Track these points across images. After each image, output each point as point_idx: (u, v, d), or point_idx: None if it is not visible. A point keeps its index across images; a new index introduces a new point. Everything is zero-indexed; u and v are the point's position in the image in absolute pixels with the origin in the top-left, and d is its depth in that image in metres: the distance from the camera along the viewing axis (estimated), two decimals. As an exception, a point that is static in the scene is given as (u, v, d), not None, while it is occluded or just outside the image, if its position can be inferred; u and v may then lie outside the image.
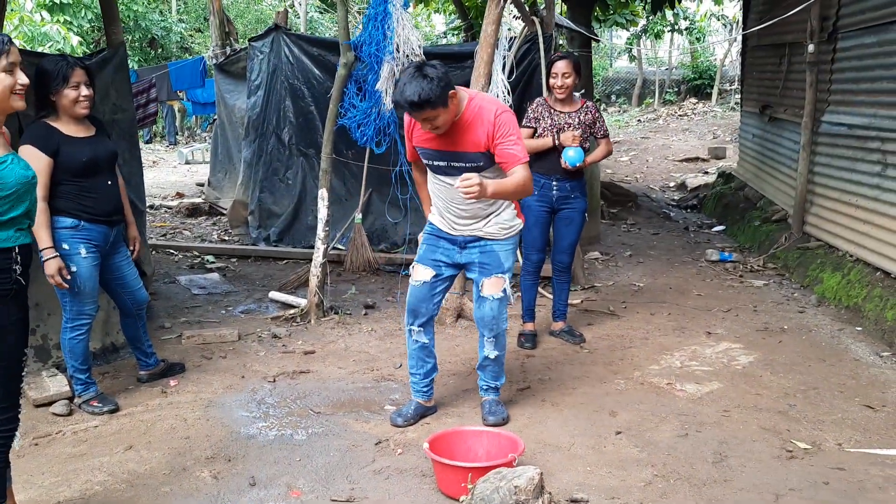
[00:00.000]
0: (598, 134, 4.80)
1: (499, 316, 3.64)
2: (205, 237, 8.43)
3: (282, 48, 7.30)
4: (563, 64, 4.62)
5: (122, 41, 5.37)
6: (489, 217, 3.55)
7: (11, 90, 2.38)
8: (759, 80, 9.09)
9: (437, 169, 3.53)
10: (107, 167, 3.83)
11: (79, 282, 3.70)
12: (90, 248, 3.73)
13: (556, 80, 4.64)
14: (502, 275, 3.59)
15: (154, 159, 16.67)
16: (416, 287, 3.66)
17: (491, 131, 3.34)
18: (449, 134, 3.39)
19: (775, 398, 4.00)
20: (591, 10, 9.62)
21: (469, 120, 3.37)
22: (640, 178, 12.95)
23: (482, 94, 3.53)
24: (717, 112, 20.00)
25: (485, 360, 3.74)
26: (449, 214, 3.58)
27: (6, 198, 2.35)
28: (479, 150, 3.39)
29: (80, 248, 3.69)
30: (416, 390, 3.79)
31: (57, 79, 3.64)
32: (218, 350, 4.80)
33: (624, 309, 5.67)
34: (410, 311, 3.69)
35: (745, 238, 7.90)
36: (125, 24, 19.08)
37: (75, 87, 3.66)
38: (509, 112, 3.43)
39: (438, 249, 3.65)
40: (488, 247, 3.58)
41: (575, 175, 4.74)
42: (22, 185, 2.39)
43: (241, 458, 3.37)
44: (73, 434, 3.61)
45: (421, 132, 3.47)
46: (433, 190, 3.62)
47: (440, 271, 3.65)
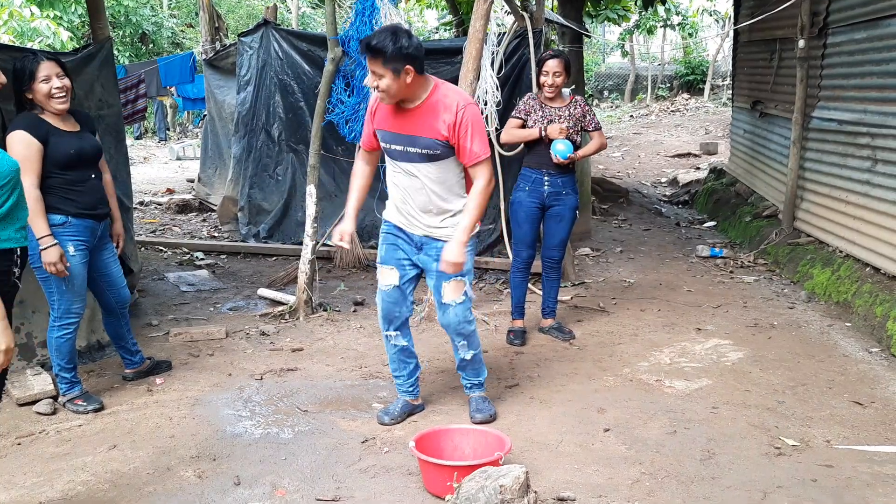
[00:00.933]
0: (589, 127, 4.78)
1: (464, 319, 3.57)
2: (194, 234, 8.39)
3: (271, 43, 7.25)
4: (555, 63, 4.60)
5: (108, 36, 5.33)
6: (444, 215, 3.47)
7: None
8: (750, 75, 9.08)
9: (394, 154, 3.45)
10: (92, 161, 3.80)
11: (67, 280, 3.66)
12: (79, 245, 3.70)
13: (546, 78, 4.62)
14: (461, 278, 3.50)
15: (145, 155, 16.59)
16: (386, 292, 3.58)
17: (453, 122, 3.30)
18: (409, 116, 3.35)
19: (764, 395, 3.99)
20: (582, 5, 9.60)
21: (431, 105, 3.33)
22: (632, 173, 12.94)
23: (452, 86, 3.47)
24: (710, 108, 20.01)
25: (462, 362, 3.72)
26: (405, 206, 3.49)
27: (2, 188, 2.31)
28: (437, 138, 3.33)
29: (69, 245, 3.65)
30: (402, 391, 3.76)
31: (25, 76, 3.60)
32: (205, 348, 4.77)
33: (614, 305, 5.65)
34: (384, 318, 3.61)
35: (735, 234, 7.89)
36: (116, 19, 18.99)
37: (46, 81, 3.61)
38: (474, 106, 3.39)
39: (399, 248, 3.57)
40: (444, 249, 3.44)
41: (566, 170, 4.72)
42: (14, 172, 2.36)
43: (227, 457, 3.35)
44: (56, 433, 3.58)
45: (381, 114, 3.43)
46: (391, 180, 3.53)
47: (404, 272, 3.58)
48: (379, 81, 3.24)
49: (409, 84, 3.25)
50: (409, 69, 3.22)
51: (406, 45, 3.20)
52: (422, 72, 3.30)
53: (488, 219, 6.44)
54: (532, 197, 4.70)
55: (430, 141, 3.34)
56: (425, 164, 3.39)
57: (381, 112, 3.44)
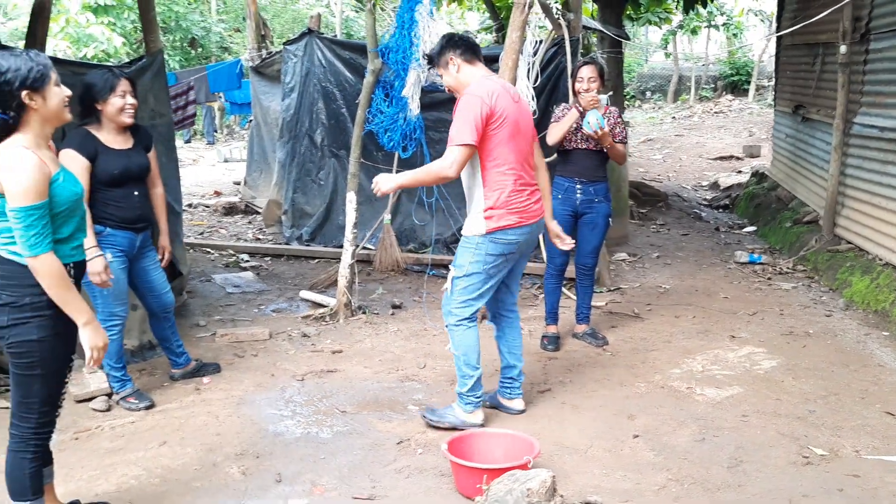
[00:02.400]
0: (616, 139, 4.80)
1: (444, 307, 3.75)
2: (240, 236, 8.63)
3: (314, 52, 7.45)
4: (588, 69, 4.68)
5: (160, 48, 5.56)
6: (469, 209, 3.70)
7: (64, 103, 2.53)
8: (793, 79, 9.01)
9: None
10: (137, 179, 3.99)
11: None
12: (116, 252, 3.91)
13: (581, 85, 4.69)
14: (453, 268, 3.68)
15: (194, 157, 17.02)
16: None
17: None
18: None
19: (795, 403, 4.02)
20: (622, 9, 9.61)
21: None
22: (673, 176, 12.88)
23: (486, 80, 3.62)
24: (754, 109, 19.74)
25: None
26: None
27: (59, 214, 2.50)
28: None
29: (106, 253, 3.85)
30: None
31: (105, 88, 3.83)
32: (250, 348, 4.96)
33: (649, 311, 5.71)
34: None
35: (775, 239, 7.85)
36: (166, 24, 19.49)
37: (122, 96, 3.85)
38: (470, 96, 3.50)
39: None
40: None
41: (599, 178, 4.80)
42: (72, 202, 2.54)
43: (269, 455, 3.51)
44: (111, 429, 3.79)
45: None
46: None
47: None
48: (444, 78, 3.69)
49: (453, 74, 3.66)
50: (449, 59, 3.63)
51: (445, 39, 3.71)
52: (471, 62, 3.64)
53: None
54: (565, 205, 4.78)
55: None
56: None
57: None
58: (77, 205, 2.57)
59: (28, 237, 2.38)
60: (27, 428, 2.56)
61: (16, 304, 2.47)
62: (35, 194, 2.37)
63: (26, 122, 2.46)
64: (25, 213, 2.36)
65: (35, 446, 2.57)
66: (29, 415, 2.55)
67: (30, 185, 2.36)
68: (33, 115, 2.46)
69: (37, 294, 2.49)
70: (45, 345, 2.50)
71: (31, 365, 2.51)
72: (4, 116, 2.41)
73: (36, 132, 2.48)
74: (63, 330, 2.57)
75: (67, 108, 2.56)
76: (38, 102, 2.45)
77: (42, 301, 2.49)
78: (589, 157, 4.76)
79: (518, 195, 3.57)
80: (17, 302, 2.47)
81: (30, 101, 2.43)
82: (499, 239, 3.56)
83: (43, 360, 2.51)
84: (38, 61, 2.44)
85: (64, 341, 2.60)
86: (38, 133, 2.49)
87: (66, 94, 2.54)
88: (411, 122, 5.43)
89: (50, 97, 2.47)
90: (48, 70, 2.45)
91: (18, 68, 2.39)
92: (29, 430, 2.56)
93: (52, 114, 2.50)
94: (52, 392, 2.59)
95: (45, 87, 2.45)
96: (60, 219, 2.51)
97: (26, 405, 2.55)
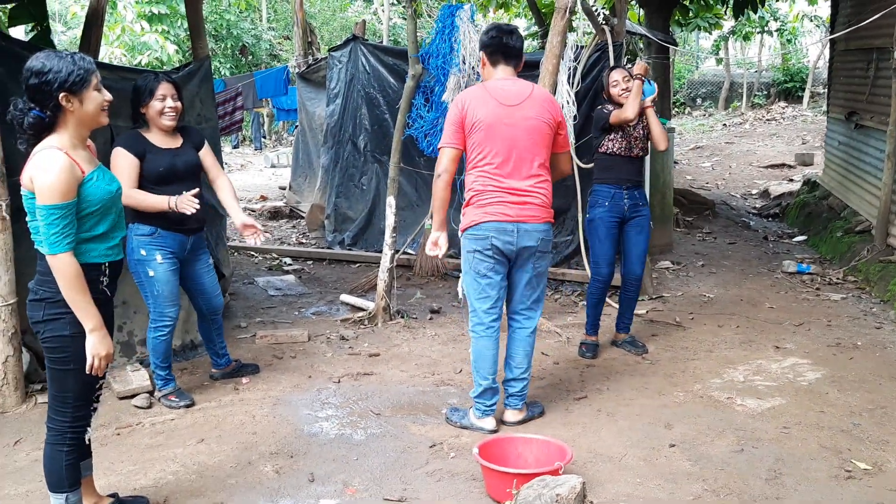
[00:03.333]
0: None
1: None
2: (284, 240, 8.76)
3: (359, 58, 7.53)
4: (617, 72, 4.70)
5: (207, 55, 5.68)
6: None
7: (102, 107, 2.60)
8: (846, 85, 8.78)
9: None
10: (186, 177, 4.05)
11: (157, 286, 3.96)
12: (166, 254, 3.99)
13: (616, 89, 4.66)
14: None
15: (242, 163, 17.34)
16: None
17: None
18: None
19: (839, 416, 3.91)
20: (669, 14, 9.50)
21: None
22: (722, 184, 12.65)
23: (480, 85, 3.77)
24: (808, 116, 19.29)
25: None
26: None
27: (92, 213, 2.57)
28: None
29: (156, 254, 3.95)
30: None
31: (144, 92, 3.94)
32: (289, 350, 5.02)
33: (691, 320, 5.61)
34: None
35: (826, 249, 7.65)
36: (218, 32, 19.93)
37: (161, 99, 3.96)
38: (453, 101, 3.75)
39: None
40: None
41: (641, 183, 4.81)
42: (107, 200, 2.61)
43: (303, 455, 3.55)
44: (151, 426, 3.88)
45: None
46: None
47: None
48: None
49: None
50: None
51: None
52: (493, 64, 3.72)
53: (566, 230, 6.50)
54: (612, 213, 4.70)
55: None
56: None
57: None
58: (113, 203, 2.63)
59: (48, 235, 2.45)
60: (63, 421, 2.63)
61: (52, 300, 2.55)
62: (60, 194, 2.44)
63: (63, 123, 2.54)
64: (48, 210, 2.43)
65: (71, 439, 2.64)
66: (64, 408, 2.62)
67: (55, 184, 2.43)
68: (70, 117, 2.53)
69: None
70: (78, 340, 2.56)
71: (66, 360, 2.58)
72: (41, 114, 2.49)
73: (71, 133, 2.56)
74: None
75: (105, 113, 2.62)
76: (75, 105, 2.52)
77: None
78: (630, 162, 4.72)
79: (492, 195, 3.62)
80: (54, 297, 2.54)
81: (66, 104, 2.50)
82: (471, 234, 3.67)
83: (77, 356, 2.57)
84: (81, 65, 2.51)
85: None
86: (73, 134, 2.57)
87: (107, 99, 2.60)
88: (451, 127, 5.44)
89: (87, 101, 2.54)
90: (88, 75, 2.52)
91: (60, 70, 2.46)
92: (65, 424, 2.63)
93: (88, 117, 2.57)
94: (85, 387, 2.65)
95: (84, 90, 2.51)
96: (95, 216, 2.58)
97: (62, 399, 2.62)
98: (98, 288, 2.63)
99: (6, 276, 3.89)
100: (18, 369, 4.02)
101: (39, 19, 5.65)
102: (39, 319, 2.56)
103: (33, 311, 2.59)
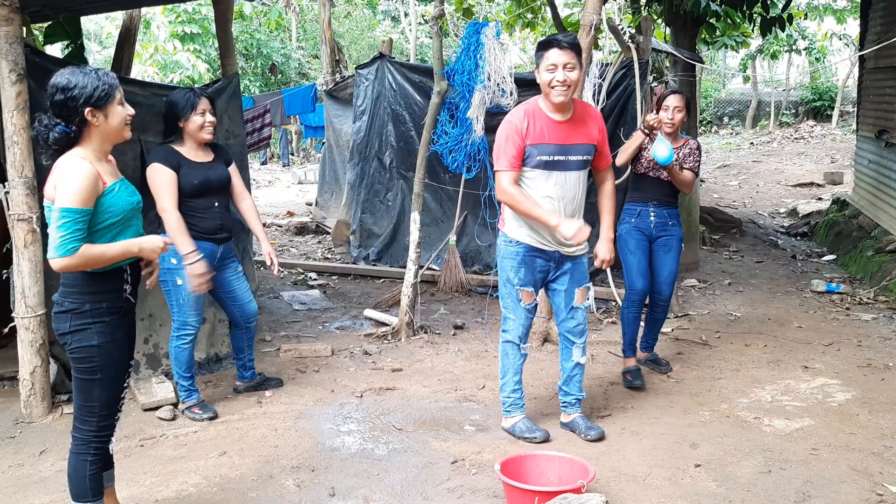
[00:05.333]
0: (686, 165, 4.65)
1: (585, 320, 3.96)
2: (309, 255, 8.81)
3: (385, 75, 7.60)
4: (676, 98, 4.57)
5: (236, 72, 5.76)
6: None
7: (125, 121, 2.65)
8: (877, 103, 8.67)
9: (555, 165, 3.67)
10: (217, 190, 4.14)
11: (183, 294, 4.00)
12: None
13: (665, 114, 4.57)
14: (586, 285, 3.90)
15: (270, 179, 17.52)
16: (528, 309, 3.87)
17: (601, 127, 3.82)
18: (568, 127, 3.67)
19: (870, 438, 3.83)
20: (696, 33, 9.45)
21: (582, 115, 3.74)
22: (749, 203, 12.53)
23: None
24: (837, 135, 19.08)
25: (575, 368, 3.94)
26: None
27: (115, 224, 2.61)
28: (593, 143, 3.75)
29: None
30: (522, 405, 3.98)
31: (186, 107, 4.02)
32: (312, 364, 5.04)
33: (717, 339, 5.54)
34: (526, 334, 3.92)
35: (856, 269, 7.53)
36: (249, 51, 20.23)
37: (202, 114, 4.03)
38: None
39: (537, 269, 3.80)
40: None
41: (671, 203, 4.70)
42: (129, 211, 2.65)
43: (324, 469, 3.55)
44: (174, 438, 3.90)
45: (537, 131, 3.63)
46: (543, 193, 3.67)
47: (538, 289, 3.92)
48: (570, 73, 3.54)
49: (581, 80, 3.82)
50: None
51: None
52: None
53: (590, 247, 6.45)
54: (639, 228, 4.66)
55: (588, 147, 3.73)
56: (583, 171, 3.75)
57: (537, 129, 3.64)
58: (133, 214, 2.67)
59: (57, 236, 2.47)
60: (88, 431, 2.65)
61: (77, 311, 2.58)
62: (79, 200, 2.47)
63: (87, 137, 2.58)
64: (64, 212, 2.46)
65: (96, 449, 2.67)
66: (90, 418, 2.65)
67: (77, 189, 2.47)
68: (94, 131, 2.58)
69: (97, 301, 2.59)
70: (104, 350, 2.60)
71: (92, 370, 2.61)
72: (67, 130, 2.54)
73: (94, 147, 2.60)
74: (122, 336, 2.66)
75: (129, 127, 2.67)
76: (100, 119, 2.57)
77: (101, 307, 2.59)
78: (659, 184, 4.65)
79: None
80: (79, 308, 2.58)
81: (92, 118, 2.55)
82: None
83: (103, 366, 2.61)
84: (105, 81, 2.55)
85: (122, 347, 2.68)
86: (97, 148, 2.61)
87: (129, 114, 2.64)
88: (475, 143, 5.46)
89: (112, 115, 2.58)
90: (113, 90, 2.57)
91: (85, 86, 2.51)
92: (90, 434, 2.65)
93: (113, 131, 2.62)
94: (111, 396, 2.68)
95: (109, 105, 2.56)
96: (117, 227, 2.62)
97: (87, 409, 2.65)
98: (122, 296, 2.65)
99: (35, 288, 3.96)
100: (45, 380, 4.07)
101: (74, 37, 5.80)
102: (66, 331, 2.59)
103: (59, 323, 2.62)
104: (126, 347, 2.71)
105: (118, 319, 2.62)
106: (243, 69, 20.39)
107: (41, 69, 4.10)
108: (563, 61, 3.52)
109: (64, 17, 5.62)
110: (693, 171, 4.68)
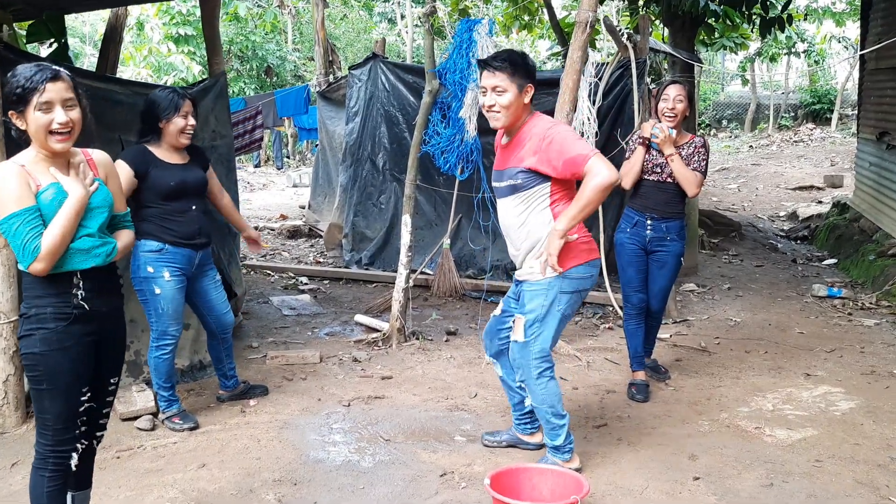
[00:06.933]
0: (691, 166, 4.39)
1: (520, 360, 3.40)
2: (301, 259, 8.66)
3: (378, 76, 7.46)
4: (676, 88, 4.35)
5: (223, 71, 5.62)
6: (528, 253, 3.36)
7: (47, 129, 2.37)
8: (877, 105, 8.55)
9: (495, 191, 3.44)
10: (193, 193, 3.97)
11: (162, 303, 3.85)
12: (174, 271, 3.88)
13: (665, 104, 4.34)
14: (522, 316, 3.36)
15: (264, 182, 17.37)
16: (492, 317, 3.65)
17: (541, 144, 3.18)
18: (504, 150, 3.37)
19: (875, 449, 3.68)
20: (694, 34, 9.32)
21: (524, 135, 3.28)
22: (748, 206, 12.40)
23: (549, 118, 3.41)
24: (836, 138, 18.96)
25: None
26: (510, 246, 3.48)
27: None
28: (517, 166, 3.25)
29: (164, 271, 3.84)
30: (514, 421, 3.74)
31: (169, 108, 3.85)
32: (299, 372, 4.89)
33: (717, 345, 5.40)
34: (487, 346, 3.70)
35: (857, 273, 7.40)
36: (244, 53, 20.13)
37: (184, 117, 3.87)
38: (561, 124, 3.37)
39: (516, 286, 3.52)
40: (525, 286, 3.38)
41: (672, 215, 4.41)
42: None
43: (307, 483, 3.40)
44: (152, 449, 3.74)
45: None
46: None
47: (509, 309, 3.53)
48: (500, 98, 3.19)
49: (525, 106, 3.25)
50: (530, 88, 3.22)
51: (527, 62, 3.25)
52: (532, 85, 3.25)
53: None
54: (633, 239, 4.44)
55: (512, 171, 3.29)
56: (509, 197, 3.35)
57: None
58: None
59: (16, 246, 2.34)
60: (45, 444, 2.48)
61: (24, 315, 2.44)
62: (13, 202, 2.33)
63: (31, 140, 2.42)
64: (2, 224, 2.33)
65: (54, 464, 2.49)
66: (45, 431, 2.48)
67: (5, 195, 2.33)
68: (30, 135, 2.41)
69: (41, 306, 2.43)
70: (49, 359, 2.42)
71: (37, 379, 2.44)
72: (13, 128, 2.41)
73: (36, 148, 2.43)
74: (73, 346, 2.45)
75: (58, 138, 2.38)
76: (23, 124, 2.39)
77: (44, 314, 2.42)
78: (661, 190, 4.38)
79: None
80: (26, 313, 2.43)
81: (16, 121, 2.39)
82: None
83: (49, 375, 2.43)
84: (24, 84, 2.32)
85: (74, 358, 2.46)
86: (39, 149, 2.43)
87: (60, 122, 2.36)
88: (468, 144, 5.32)
89: (30, 122, 2.37)
90: (27, 94, 2.32)
91: (8, 84, 2.35)
92: (47, 448, 2.48)
93: (35, 139, 2.40)
94: (63, 410, 2.48)
95: (26, 110, 2.35)
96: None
97: (42, 420, 2.48)
98: (71, 302, 2.45)
99: (8, 293, 3.81)
100: (19, 389, 3.92)
101: (58, 36, 5.65)
102: (19, 335, 2.45)
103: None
104: (83, 359, 2.49)
105: (67, 327, 2.43)
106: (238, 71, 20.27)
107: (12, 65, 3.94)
108: (492, 84, 3.20)
109: (47, 15, 5.47)
110: (700, 172, 4.38)
